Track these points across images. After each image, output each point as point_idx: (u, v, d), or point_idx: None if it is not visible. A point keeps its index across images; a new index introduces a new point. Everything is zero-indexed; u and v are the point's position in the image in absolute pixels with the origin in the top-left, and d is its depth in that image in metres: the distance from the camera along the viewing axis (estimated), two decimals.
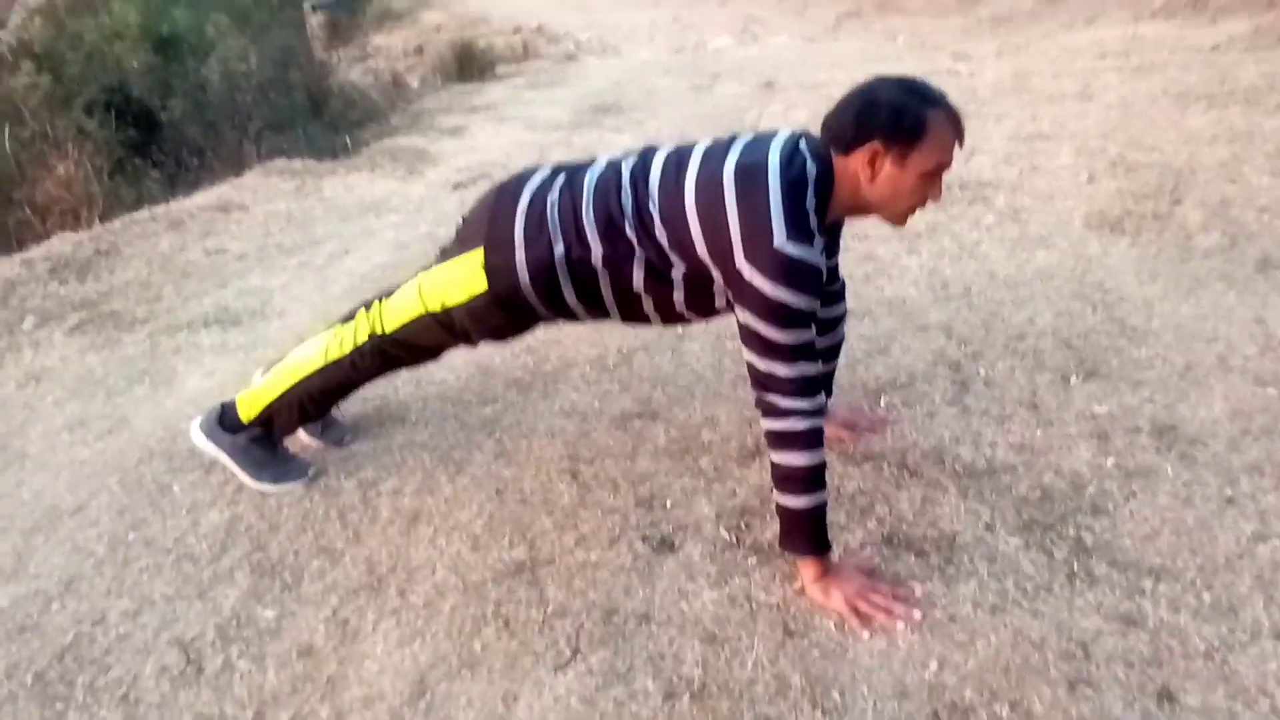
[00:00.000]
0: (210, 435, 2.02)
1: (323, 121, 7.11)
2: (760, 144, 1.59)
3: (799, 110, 5.33)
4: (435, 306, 1.77)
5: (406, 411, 2.33)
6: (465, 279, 1.72)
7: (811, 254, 1.49)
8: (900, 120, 1.48)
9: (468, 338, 1.84)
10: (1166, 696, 1.42)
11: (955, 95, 1.60)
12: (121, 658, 1.63)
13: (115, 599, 1.77)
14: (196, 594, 1.77)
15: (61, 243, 3.65)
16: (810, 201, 1.52)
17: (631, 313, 1.76)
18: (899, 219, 1.63)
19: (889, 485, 1.93)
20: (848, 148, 1.53)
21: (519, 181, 1.76)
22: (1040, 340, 2.47)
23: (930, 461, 2.00)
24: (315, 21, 12.51)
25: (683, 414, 2.25)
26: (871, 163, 1.51)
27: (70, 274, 3.39)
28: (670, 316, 1.75)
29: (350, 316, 1.94)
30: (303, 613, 1.71)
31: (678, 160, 1.63)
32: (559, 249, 1.65)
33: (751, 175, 1.52)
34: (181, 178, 5.70)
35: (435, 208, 4.06)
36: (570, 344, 2.63)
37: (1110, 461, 1.97)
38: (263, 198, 4.28)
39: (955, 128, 1.52)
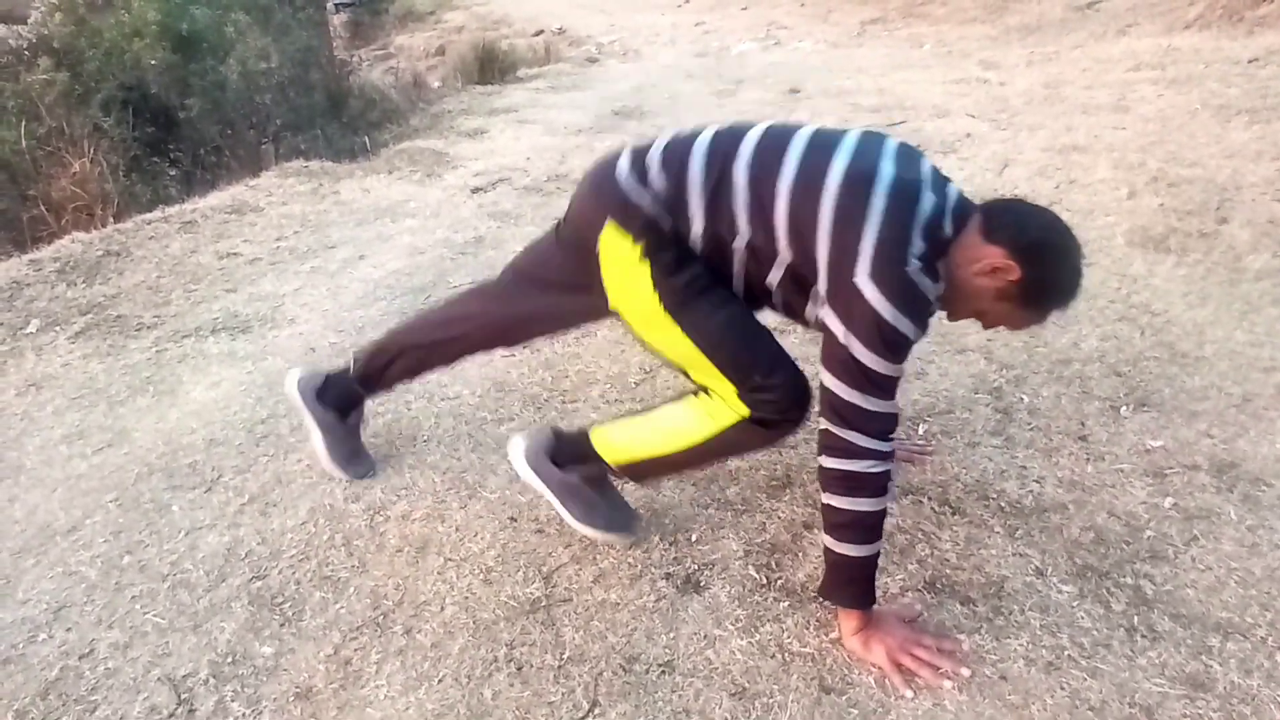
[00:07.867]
0: (536, 467, 1.74)
1: (342, 122, 7.05)
2: (912, 159, 1.47)
3: (825, 117, 5.20)
4: (661, 326, 1.52)
5: (418, 429, 2.22)
6: (627, 265, 1.50)
7: (932, 287, 1.39)
8: (1042, 288, 1.44)
9: (721, 294, 1.53)
10: None
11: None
12: (109, 696, 1.52)
13: (105, 630, 1.67)
14: (191, 626, 1.66)
15: (71, 243, 3.57)
16: (935, 242, 1.41)
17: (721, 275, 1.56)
18: (950, 314, 1.55)
19: (930, 524, 1.81)
20: (996, 241, 1.40)
21: (608, 159, 1.58)
22: (1087, 366, 2.34)
23: (974, 497, 1.88)
24: (338, 21, 12.52)
25: None
26: (992, 272, 1.41)
27: (78, 276, 3.30)
28: (758, 299, 1.58)
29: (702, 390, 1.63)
30: (302, 650, 1.60)
31: (825, 143, 1.47)
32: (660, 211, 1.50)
33: (906, 192, 1.40)
34: (198, 177, 5.64)
35: (453, 212, 3.96)
36: (590, 360, 2.51)
37: (1168, 502, 1.84)
38: (277, 200, 4.20)
39: (1044, 320, 1.54)
